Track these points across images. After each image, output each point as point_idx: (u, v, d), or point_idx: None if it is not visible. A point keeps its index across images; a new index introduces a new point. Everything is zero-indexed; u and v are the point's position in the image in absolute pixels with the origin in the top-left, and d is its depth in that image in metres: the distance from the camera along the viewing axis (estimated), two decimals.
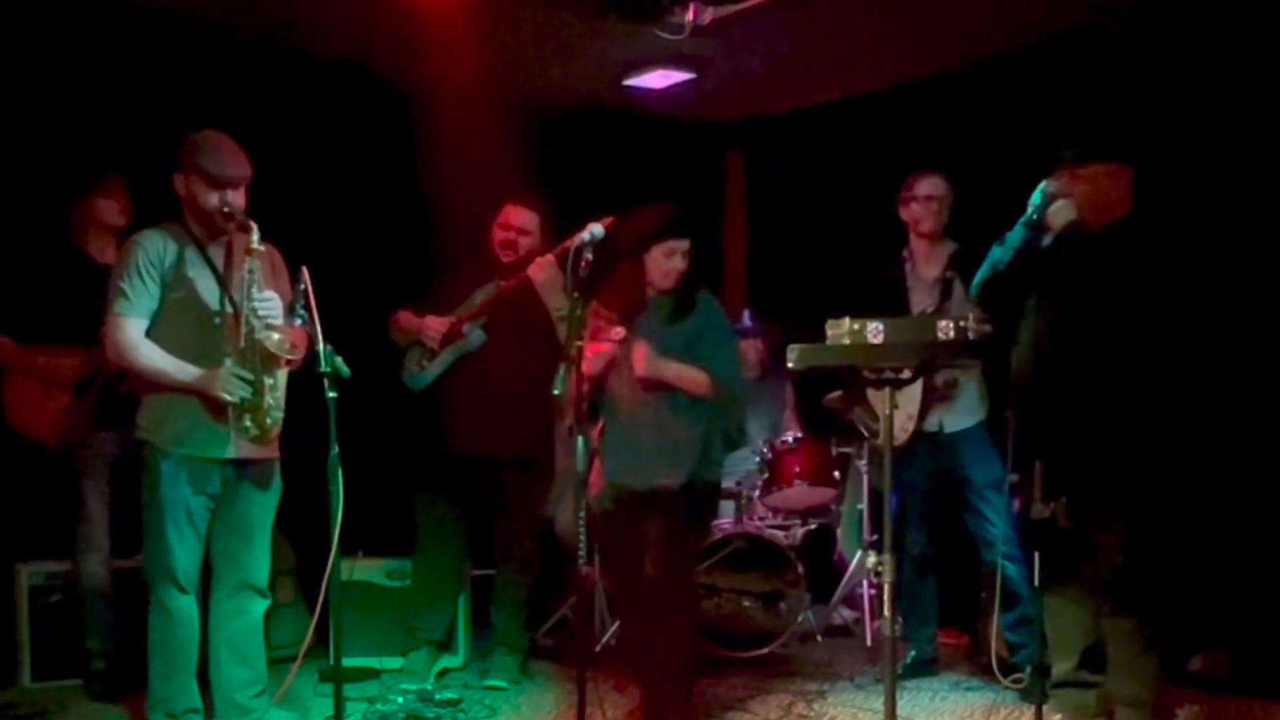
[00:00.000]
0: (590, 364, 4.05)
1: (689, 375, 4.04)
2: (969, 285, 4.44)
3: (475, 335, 4.76)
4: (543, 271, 4.58)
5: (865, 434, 4.93)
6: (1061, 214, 3.88)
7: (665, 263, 4.10)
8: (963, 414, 4.72)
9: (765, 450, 5.50)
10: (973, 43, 5.45)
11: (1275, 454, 4.60)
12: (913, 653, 4.91)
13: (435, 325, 4.77)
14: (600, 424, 4.17)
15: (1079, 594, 4.04)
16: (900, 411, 4.67)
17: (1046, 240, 3.91)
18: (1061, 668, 4.16)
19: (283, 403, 3.85)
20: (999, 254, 4.00)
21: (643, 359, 4.02)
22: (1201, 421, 4.04)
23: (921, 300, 4.75)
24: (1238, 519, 4.60)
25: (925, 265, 4.82)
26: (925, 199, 4.78)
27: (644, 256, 4.11)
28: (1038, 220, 3.88)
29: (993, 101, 5.54)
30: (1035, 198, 3.93)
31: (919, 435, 4.67)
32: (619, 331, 4.11)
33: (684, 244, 4.10)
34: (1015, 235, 3.95)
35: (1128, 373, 3.78)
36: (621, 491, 4.09)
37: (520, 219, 4.82)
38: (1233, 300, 4.53)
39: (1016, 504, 4.19)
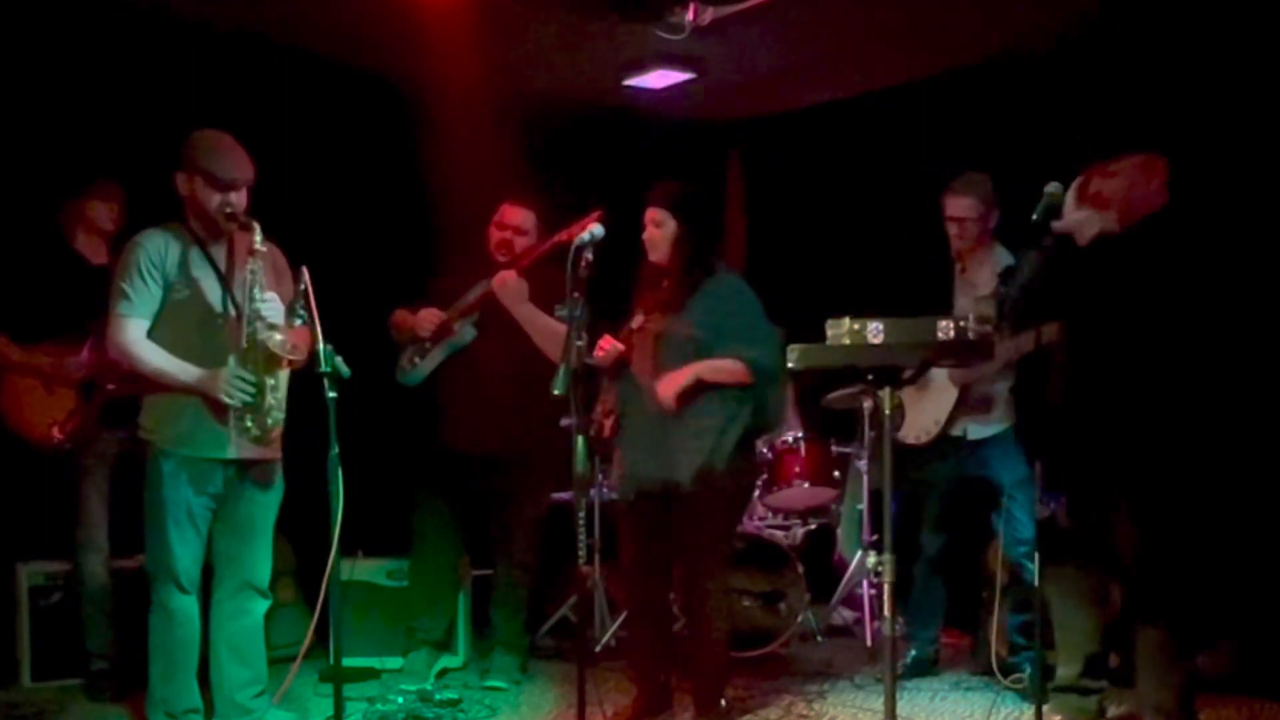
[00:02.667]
0: (600, 359, 4.09)
1: (719, 368, 4.00)
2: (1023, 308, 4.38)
3: (466, 331, 4.76)
4: (506, 283, 4.60)
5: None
6: (1090, 225, 3.78)
7: (645, 234, 4.12)
8: (989, 424, 4.66)
9: (765, 450, 5.50)
10: (971, 43, 5.46)
11: (1272, 453, 4.61)
12: (913, 652, 4.92)
13: (428, 317, 4.77)
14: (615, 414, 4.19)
15: (1087, 600, 4.01)
16: (927, 415, 4.68)
17: (1072, 250, 3.83)
18: (1065, 672, 4.12)
19: (284, 403, 3.86)
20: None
21: (663, 392, 4.00)
22: (1224, 421, 3.99)
23: (967, 306, 4.60)
24: (1237, 518, 4.60)
25: (975, 270, 4.71)
26: (950, 220, 4.68)
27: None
28: (1040, 221, 3.82)
29: (991, 102, 5.54)
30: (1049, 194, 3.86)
31: (942, 439, 4.67)
32: (638, 319, 4.12)
33: (652, 213, 4.11)
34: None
35: (1164, 374, 3.69)
36: (642, 484, 4.10)
37: (516, 218, 4.82)
38: (1235, 296, 4.52)
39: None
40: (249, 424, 3.78)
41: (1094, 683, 4.12)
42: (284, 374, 3.84)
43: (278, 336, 3.76)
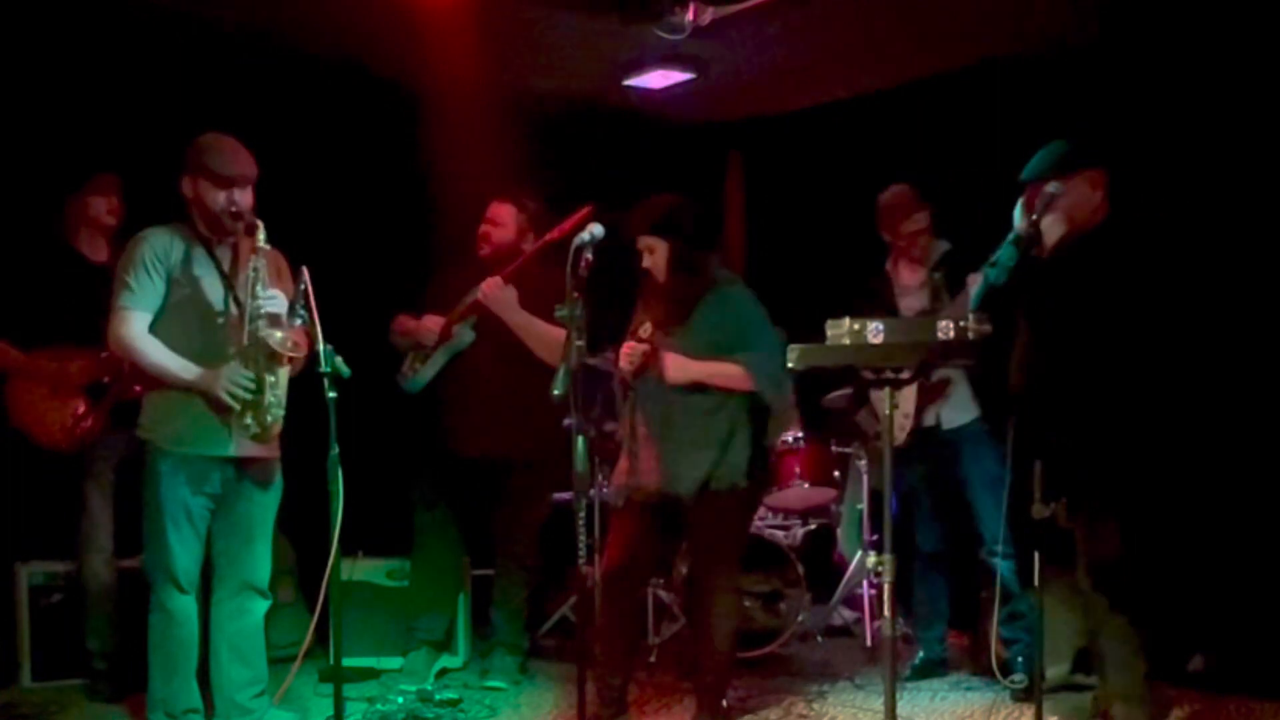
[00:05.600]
0: (625, 360, 4.07)
1: (722, 371, 4.00)
2: (955, 283, 4.46)
3: (465, 334, 4.77)
4: (492, 291, 4.61)
5: (871, 436, 4.93)
6: (1055, 229, 3.83)
7: (644, 260, 4.12)
8: (959, 409, 4.72)
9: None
10: (970, 44, 5.46)
11: (1272, 453, 4.61)
12: (921, 653, 4.92)
13: (431, 325, 4.78)
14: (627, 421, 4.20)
15: (1070, 596, 4.02)
16: (898, 410, 4.68)
17: (1038, 254, 3.88)
18: (1055, 671, 4.12)
19: (284, 400, 3.85)
20: (993, 275, 3.96)
21: (671, 368, 4.01)
22: (1197, 419, 4.03)
23: (911, 304, 4.75)
24: (1236, 518, 4.60)
25: (910, 269, 4.81)
26: (911, 236, 4.75)
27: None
28: (1022, 236, 3.84)
29: (991, 102, 5.54)
30: (1016, 215, 3.91)
31: (918, 433, 4.68)
32: (647, 328, 4.11)
33: (642, 242, 4.10)
34: (1006, 254, 3.90)
35: (1119, 374, 3.76)
36: (638, 493, 4.10)
37: (495, 212, 4.84)
38: (1220, 297, 4.54)
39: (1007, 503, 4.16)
40: (249, 421, 3.78)
41: (1086, 679, 4.11)
42: (284, 371, 3.84)
43: (279, 334, 3.76)
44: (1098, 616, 3.85)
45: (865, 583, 5.54)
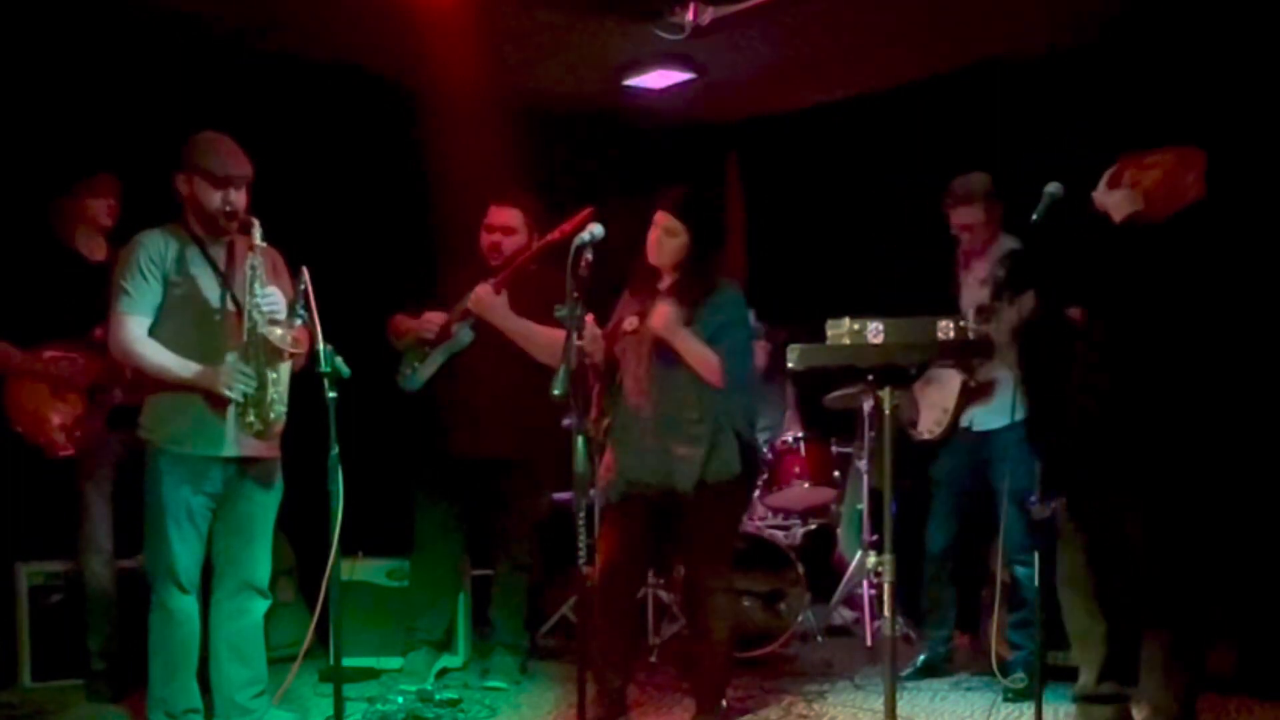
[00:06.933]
0: (593, 347, 4.07)
1: (701, 353, 3.99)
2: (1020, 281, 4.35)
3: (464, 334, 4.76)
4: (483, 299, 4.62)
5: (906, 424, 4.84)
6: (1124, 205, 3.75)
7: (651, 235, 4.11)
8: (996, 413, 4.60)
9: (765, 450, 5.50)
10: (970, 44, 5.46)
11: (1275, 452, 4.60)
12: (924, 654, 4.91)
13: (433, 319, 4.77)
14: (609, 418, 4.19)
15: (1095, 602, 3.94)
16: (936, 406, 4.68)
17: (1107, 231, 3.80)
18: (1083, 681, 4.00)
19: (285, 396, 3.86)
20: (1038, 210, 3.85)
21: (662, 316, 4.00)
22: (1243, 422, 3.95)
23: (972, 297, 4.67)
24: (1241, 517, 4.59)
25: (977, 264, 4.74)
26: (961, 228, 4.71)
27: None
28: (1039, 220, 3.79)
29: (991, 102, 5.54)
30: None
31: (954, 430, 4.67)
32: (632, 321, 4.11)
33: (661, 218, 4.09)
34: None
35: (1193, 365, 3.66)
36: (632, 487, 4.10)
37: (502, 218, 4.81)
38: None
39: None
40: (251, 418, 3.79)
41: (1120, 689, 3.94)
42: (285, 367, 3.84)
43: (278, 330, 3.76)
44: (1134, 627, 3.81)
45: (865, 583, 5.55)
